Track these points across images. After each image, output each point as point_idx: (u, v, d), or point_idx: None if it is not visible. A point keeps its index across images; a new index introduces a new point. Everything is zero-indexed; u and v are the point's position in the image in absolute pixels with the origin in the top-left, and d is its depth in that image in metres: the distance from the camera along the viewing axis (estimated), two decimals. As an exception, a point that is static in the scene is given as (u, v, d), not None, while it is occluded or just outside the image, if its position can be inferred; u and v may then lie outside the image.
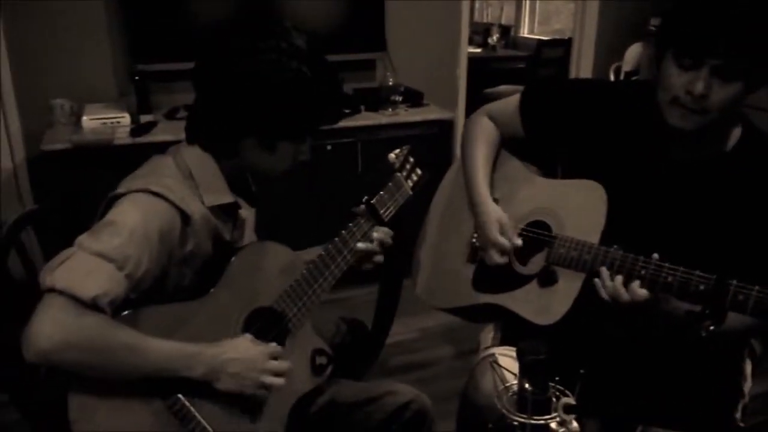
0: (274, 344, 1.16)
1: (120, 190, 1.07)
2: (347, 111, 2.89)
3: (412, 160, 1.53)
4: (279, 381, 1.13)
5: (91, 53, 2.77)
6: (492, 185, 1.52)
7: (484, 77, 4.83)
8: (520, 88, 1.55)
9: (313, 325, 1.30)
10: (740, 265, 1.14)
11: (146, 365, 1.01)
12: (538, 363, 1.06)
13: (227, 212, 1.21)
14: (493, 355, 1.38)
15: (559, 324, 1.29)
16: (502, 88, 4.99)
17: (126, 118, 2.59)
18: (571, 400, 1.02)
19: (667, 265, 1.16)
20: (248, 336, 1.13)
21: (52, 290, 0.94)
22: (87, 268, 0.97)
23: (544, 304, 1.34)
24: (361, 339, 1.70)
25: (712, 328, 1.06)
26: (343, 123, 2.83)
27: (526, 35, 6.24)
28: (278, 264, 1.24)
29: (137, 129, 2.50)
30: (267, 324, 1.20)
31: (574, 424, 1.04)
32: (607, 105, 1.36)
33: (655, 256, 1.18)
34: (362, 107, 3.00)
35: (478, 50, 5.63)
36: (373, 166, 1.77)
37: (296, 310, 1.23)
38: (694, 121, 1.17)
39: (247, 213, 1.31)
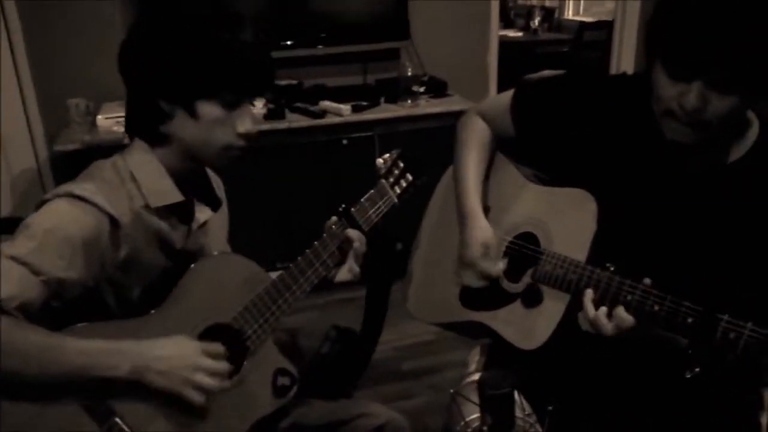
0: (216, 344, 1.09)
1: (47, 195, 1.04)
2: (365, 104, 2.80)
3: (401, 165, 1.44)
4: (211, 382, 1.05)
5: (108, 52, 2.77)
6: (486, 192, 1.41)
7: (525, 63, 4.63)
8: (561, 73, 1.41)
9: (284, 339, 1.24)
10: (747, 285, 1.01)
11: (64, 364, 0.96)
12: (501, 398, 0.97)
13: (179, 216, 1.16)
14: (473, 382, 1.29)
15: (541, 348, 1.19)
16: (545, 73, 4.77)
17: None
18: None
19: (655, 291, 1.03)
20: (196, 342, 1.07)
21: None
22: None
23: (528, 327, 1.23)
24: (351, 348, 1.63)
25: (698, 370, 0.94)
26: (360, 116, 2.76)
27: (570, 17, 5.94)
28: (239, 278, 1.18)
29: (148, 127, 2.49)
30: (223, 342, 1.14)
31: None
32: (606, 105, 1.23)
33: (647, 281, 1.05)
34: (382, 99, 2.91)
35: (519, 34, 5.40)
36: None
37: (257, 327, 1.17)
38: (691, 135, 1.04)
39: (211, 217, 1.25)
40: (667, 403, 1.14)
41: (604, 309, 1.08)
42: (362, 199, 1.35)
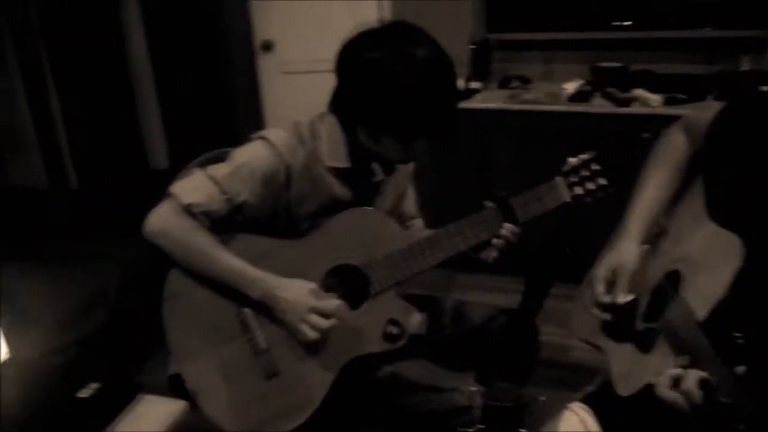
0: (333, 302, 1.28)
1: (254, 135, 1.35)
2: (682, 96, 2.48)
3: (595, 168, 1.36)
4: (312, 334, 1.25)
5: (454, 20, 3.06)
6: (670, 215, 1.24)
7: None
8: None
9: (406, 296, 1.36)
10: None
11: (213, 272, 1.28)
12: (500, 410, 0.95)
13: (347, 177, 1.37)
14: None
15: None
16: None
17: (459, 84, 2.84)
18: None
19: (733, 385, 0.83)
20: (312, 285, 1.29)
21: (170, 194, 1.29)
22: (195, 184, 1.28)
23: (629, 371, 1.09)
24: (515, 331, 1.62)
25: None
26: (670, 109, 2.47)
27: None
28: (380, 233, 1.34)
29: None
30: (347, 280, 1.34)
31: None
32: None
33: (741, 368, 0.84)
34: (712, 94, 2.52)
35: None
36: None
37: (382, 277, 1.32)
38: None
39: (386, 179, 1.42)
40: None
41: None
42: (527, 191, 1.34)
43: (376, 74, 1.22)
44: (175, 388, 1.31)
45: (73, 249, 2.22)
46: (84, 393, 1.13)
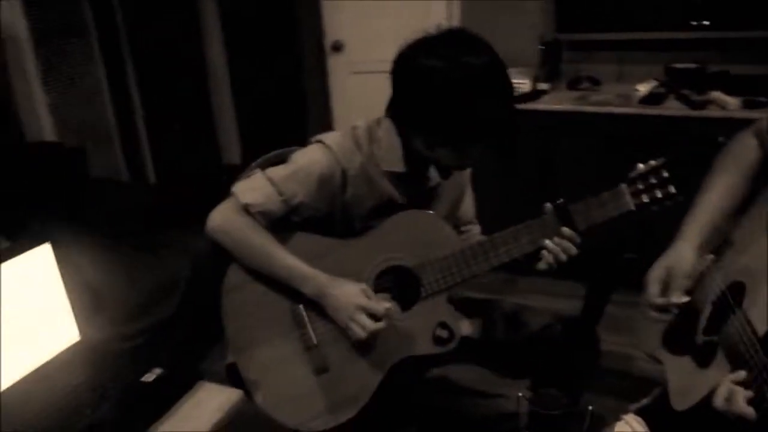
0: (384, 304, 1.28)
1: (313, 138, 1.39)
2: (762, 99, 2.35)
3: (664, 175, 1.31)
4: (360, 333, 1.26)
5: (524, 19, 3.03)
6: (736, 224, 1.19)
7: None
8: None
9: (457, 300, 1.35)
10: None
11: (269, 269, 1.33)
12: (546, 417, 0.94)
13: (402, 179, 1.38)
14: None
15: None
16: None
17: (526, 85, 2.80)
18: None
19: None
20: (363, 285, 1.31)
21: (232, 193, 1.34)
22: (254, 185, 1.33)
23: (686, 385, 1.06)
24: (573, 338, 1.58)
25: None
26: (748, 113, 2.35)
27: None
28: (434, 236, 1.35)
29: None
30: (399, 281, 1.36)
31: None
32: None
33: None
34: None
35: None
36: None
37: (433, 280, 1.33)
38: None
39: (442, 183, 1.42)
40: None
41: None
42: (589, 198, 1.31)
43: (431, 82, 1.22)
44: (232, 377, 1.37)
45: (149, 240, 2.34)
46: (148, 378, 1.20)
